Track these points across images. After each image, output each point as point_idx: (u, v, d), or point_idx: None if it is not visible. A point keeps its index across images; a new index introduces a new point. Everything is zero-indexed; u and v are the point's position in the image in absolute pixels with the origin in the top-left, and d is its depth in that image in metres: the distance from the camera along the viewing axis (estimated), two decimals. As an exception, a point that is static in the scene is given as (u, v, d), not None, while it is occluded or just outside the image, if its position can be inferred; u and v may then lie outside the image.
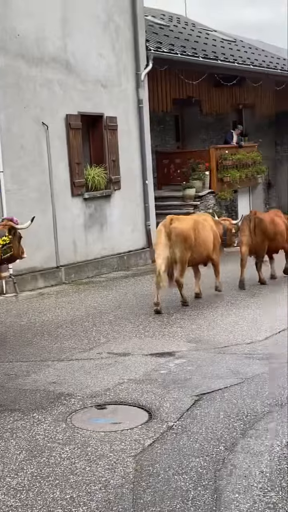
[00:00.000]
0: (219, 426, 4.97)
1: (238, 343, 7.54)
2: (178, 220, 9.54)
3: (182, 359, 6.81)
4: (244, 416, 5.14)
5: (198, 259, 9.90)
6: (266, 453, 4.44)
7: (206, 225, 10.08)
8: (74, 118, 12.30)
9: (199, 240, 9.69)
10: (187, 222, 9.66)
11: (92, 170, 12.94)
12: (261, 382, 6.01)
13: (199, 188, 16.79)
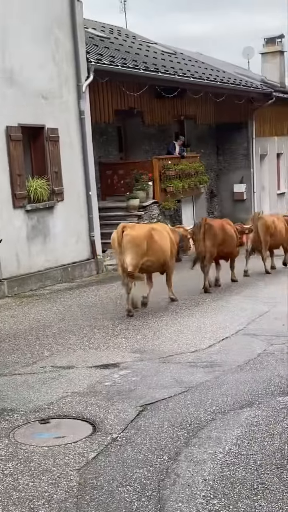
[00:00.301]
0: (163, 436, 4.99)
1: (182, 352, 7.59)
2: (131, 227, 9.86)
3: (126, 370, 6.81)
4: (188, 425, 5.18)
5: (155, 266, 10.21)
6: (209, 461, 4.49)
7: (163, 233, 10.39)
8: (14, 130, 12.19)
9: (156, 247, 9.99)
10: (140, 229, 9.99)
11: (34, 181, 12.83)
12: (204, 390, 6.07)
13: (143, 199, 16.88)
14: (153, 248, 9.92)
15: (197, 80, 18.55)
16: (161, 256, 10.17)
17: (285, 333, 8.35)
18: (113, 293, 11.83)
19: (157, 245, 10.04)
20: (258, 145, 24.08)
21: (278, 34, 27.92)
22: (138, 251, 9.66)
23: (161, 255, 10.16)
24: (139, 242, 9.68)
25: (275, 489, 4.03)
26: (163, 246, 10.20)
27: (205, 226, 11.57)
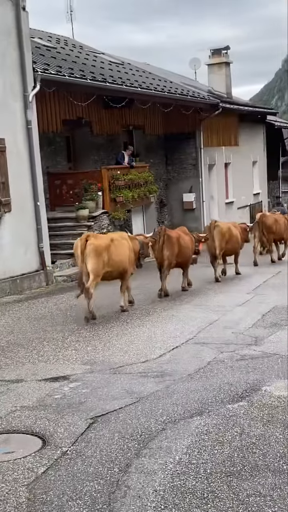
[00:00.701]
0: (114, 447, 4.96)
1: (133, 362, 7.57)
2: (94, 237, 10.41)
3: (76, 383, 6.75)
4: (139, 436, 5.16)
5: (115, 273, 10.70)
6: (160, 471, 4.47)
7: (123, 242, 10.87)
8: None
9: (116, 256, 10.47)
10: (102, 239, 10.53)
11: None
12: (155, 400, 6.06)
13: (93, 209, 16.86)
14: (113, 257, 10.40)
15: (144, 90, 18.65)
16: (120, 265, 10.64)
17: (235, 341, 8.45)
18: (63, 304, 11.74)
19: (117, 254, 10.50)
20: (206, 155, 24.36)
21: (224, 46, 28.38)
22: (100, 261, 10.13)
23: (120, 264, 10.63)
24: (102, 251, 10.15)
25: (225, 497, 4.04)
26: (122, 255, 10.67)
27: (164, 236, 12.09)
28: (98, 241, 10.25)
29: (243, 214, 28.50)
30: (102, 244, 10.25)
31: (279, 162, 40.18)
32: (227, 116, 25.90)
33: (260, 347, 8.06)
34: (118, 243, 10.67)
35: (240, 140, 28.58)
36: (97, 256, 10.08)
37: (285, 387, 6.22)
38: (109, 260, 10.30)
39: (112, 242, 10.49)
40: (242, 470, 4.42)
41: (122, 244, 10.77)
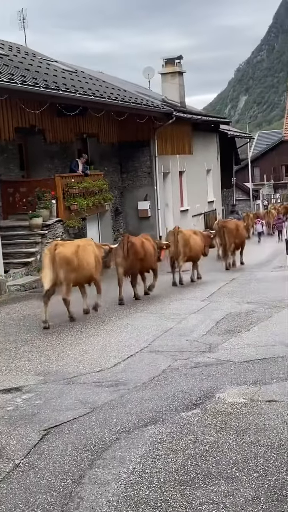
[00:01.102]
0: (67, 459, 4.91)
1: (87, 372, 7.52)
2: (62, 245, 10.78)
3: (29, 394, 6.66)
4: (92, 446, 5.12)
5: (83, 279, 11.16)
6: (113, 482, 4.45)
7: (89, 249, 11.35)
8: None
9: (83, 263, 10.92)
10: (70, 247, 10.88)
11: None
12: (109, 410, 6.03)
13: (46, 217, 16.73)
14: (81, 264, 10.86)
15: (98, 98, 18.64)
16: (88, 271, 11.12)
17: (189, 348, 8.49)
18: (16, 314, 11.60)
19: (84, 261, 10.99)
20: (160, 163, 24.51)
21: (177, 55, 28.65)
22: (70, 268, 10.54)
23: (88, 270, 11.10)
24: (71, 259, 10.57)
25: (178, 506, 4.04)
26: (89, 261, 11.16)
27: (128, 244, 12.52)
28: (67, 249, 10.62)
29: (198, 222, 28.76)
30: (71, 251, 10.65)
31: (232, 170, 40.81)
32: (181, 125, 26.12)
33: (214, 354, 8.12)
34: (85, 250, 11.13)
35: (194, 149, 28.87)
36: (67, 265, 10.45)
37: (238, 394, 6.27)
38: (78, 266, 10.73)
39: (79, 249, 10.92)
40: (195, 478, 4.43)
41: (89, 251, 11.23)
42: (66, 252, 10.51)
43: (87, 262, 11.05)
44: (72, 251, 10.68)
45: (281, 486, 4.26)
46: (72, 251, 10.68)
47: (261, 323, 9.99)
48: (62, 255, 10.40)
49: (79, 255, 10.80)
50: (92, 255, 11.30)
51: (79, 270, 10.78)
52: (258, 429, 5.28)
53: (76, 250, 10.80)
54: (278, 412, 5.66)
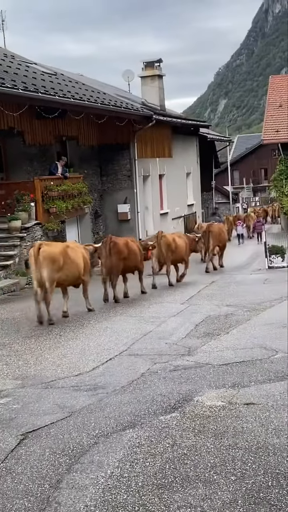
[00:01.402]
0: (45, 464, 4.87)
1: (65, 376, 7.48)
2: (47, 245, 10.94)
3: (7, 398, 6.60)
4: (70, 451, 5.09)
5: (70, 279, 11.22)
6: (91, 486, 4.42)
7: (77, 250, 11.52)
8: None
9: (70, 263, 11.03)
10: (55, 247, 11.05)
11: None
12: (88, 414, 6.00)
13: (25, 220, 16.64)
14: (68, 264, 10.93)
15: (77, 101, 18.61)
16: (75, 271, 11.21)
17: (168, 352, 8.49)
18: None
19: (72, 261, 11.08)
20: (140, 166, 24.53)
21: (156, 59, 28.71)
22: (54, 267, 10.62)
23: (75, 270, 11.20)
24: (56, 258, 10.67)
25: (156, 510, 4.03)
26: (77, 262, 11.25)
27: (110, 244, 12.86)
28: (51, 249, 10.75)
29: (178, 225, 28.83)
30: (55, 251, 10.74)
31: (212, 173, 40.99)
32: (160, 128, 26.19)
33: (193, 357, 8.13)
34: (73, 251, 11.27)
35: (174, 152, 28.95)
36: (51, 263, 10.56)
37: (216, 397, 6.29)
38: (64, 266, 10.82)
39: (67, 249, 11.06)
40: (174, 482, 4.42)
41: (76, 251, 11.40)
42: (51, 251, 10.62)
43: (75, 262, 11.18)
44: (58, 250, 10.80)
45: (258, 489, 4.27)
46: (58, 250, 10.80)
47: (240, 326, 10.04)
48: (46, 253, 10.50)
49: (66, 255, 10.92)
50: (80, 256, 11.44)
51: (67, 270, 10.91)
52: (236, 432, 5.29)
53: (62, 250, 10.92)
54: (256, 415, 5.68)
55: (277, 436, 5.15)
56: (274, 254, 19.26)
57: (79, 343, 9.19)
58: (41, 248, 10.58)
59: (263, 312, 11.17)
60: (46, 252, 10.54)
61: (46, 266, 10.52)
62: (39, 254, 10.49)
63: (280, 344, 8.53)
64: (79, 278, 11.40)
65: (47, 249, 10.64)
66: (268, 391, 6.40)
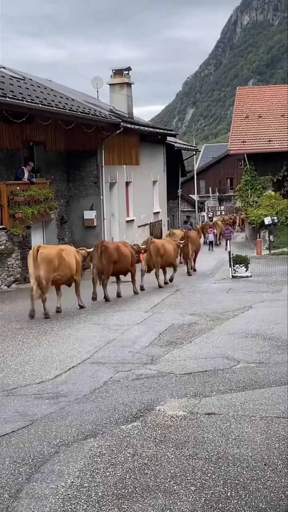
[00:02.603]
0: (5, 473, 4.84)
1: (27, 383, 7.44)
2: (45, 247, 12.24)
3: None
4: (31, 460, 5.07)
5: (64, 279, 12.46)
6: (51, 496, 4.41)
7: (71, 253, 12.70)
8: None
9: (65, 264, 12.25)
10: (52, 249, 12.36)
11: None
12: (49, 422, 5.98)
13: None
14: (62, 265, 12.15)
15: (45, 107, 18.54)
16: (69, 272, 12.40)
17: (131, 360, 8.51)
18: None
19: (66, 263, 12.27)
20: (107, 173, 24.53)
21: (125, 66, 28.80)
22: (50, 267, 11.81)
23: (69, 271, 12.39)
24: (52, 259, 11.87)
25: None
26: (70, 263, 12.44)
27: (101, 247, 13.95)
28: (48, 251, 12.04)
29: (143, 232, 28.90)
30: (52, 252, 12.01)
31: (178, 182, 41.25)
32: (128, 135, 26.26)
33: (156, 366, 8.17)
34: (67, 253, 12.46)
35: (141, 160, 29.06)
36: (48, 264, 11.76)
37: (178, 406, 6.33)
38: (59, 267, 12.03)
39: (61, 252, 12.29)
40: (134, 492, 4.44)
41: (70, 254, 12.57)
42: (48, 253, 11.89)
43: (69, 263, 12.36)
44: (54, 253, 12.06)
45: (217, 499, 4.32)
46: (54, 253, 12.06)
47: (203, 335, 10.12)
48: (44, 255, 11.74)
49: (61, 257, 12.11)
50: (73, 258, 12.61)
51: (61, 270, 12.12)
52: (197, 442, 5.34)
53: (58, 252, 12.17)
54: (217, 425, 5.74)
55: (237, 447, 5.22)
56: (238, 263, 19.45)
57: (42, 350, 9.15)
58: (39, 250, 11.76)
59: (226, 321, 11.28)
60: (44, 254, 11.75)
61: (43, 266, 11.66)
62: (37, 256, 11.61)
63: (242, 354, 8.63)
64: (71, 278, 12.57)
65: (44, 251, 11.87)
66: (229, 401, 6.47)
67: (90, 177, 24.23)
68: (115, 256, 14.18)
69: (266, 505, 4.23)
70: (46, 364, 8.35)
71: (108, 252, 13.99)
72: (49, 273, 11.82)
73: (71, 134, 22.18)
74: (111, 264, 14.04)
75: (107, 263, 13.94)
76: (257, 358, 8.42)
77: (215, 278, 19.57)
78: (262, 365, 8.04)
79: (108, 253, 13.98)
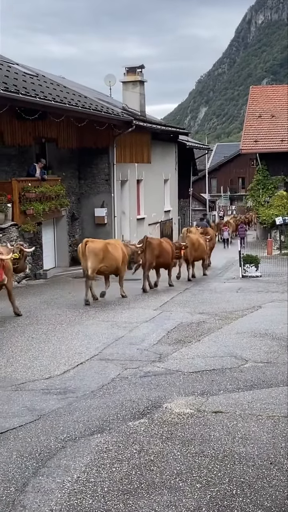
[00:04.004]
0: (11, 466, 4.88)
1: (36, 379, 7.48)
2: (92, 241, 13.58)
3: (-24, 399, 6.58)
4: (38, 454, 5.11)
5: (110, 269, 13.81)
6: (57, 490, 4.44)
7: (117, 247, 14.06)
8: None
9: (110, 256, 13.57)
10: (98, 243, 13.65)
11: None
12: (56, 417, 6.02)
13: (1, 220, 16.55)
14: (108, 257, 13.48)
15: (58, 103, 18.57)
16: (113, 263, 13.73)
17: (139, 357, 8.54)
18: None
19: (111, 255, 13.59)
20: (119, 170, 24.55)
21: (138, 64, 28.79)
22: (96, 259, 13.18)
23: (114, 262, 13.72)
24: (98, 252, 13.22)
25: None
26: (116, 256, 13.74)
27: (146, 242, 15.23)
28: (95, 244, 13.40)
29: (154, 231, 28.91)
30: (98, 246, 13.35)
31: (190, 180, 41.17)
32: (140, 133, 26.26)
33: (164, 363, 8.18)
34: (113, 247, 13.80)
35: (153, 158, 29.04)
36: (94, 256, 13.13)
37: (185, 404, 6.34)
38: (104, 258, 13.35)
39: (107, 245, 13.61)
40: (139, 488, 4.46)
41: (116, 247, 13.89)
42: (94, 246, 13.28)
43: (115, 256, 13.67)
44: (100, 246, 13.39)
45: (222, 497, 4.33)
46: (100, 246, 13.39)
47: (212, 334, 10.12)
48: (91, 248, 13.16)
49: (107, 250, 13.45)
50: (120, 252, 13.89)
51: (107, 262, 13.46)
52: (203, 440, 5.35)
53: (104, 246, 13.51)
54: (223, 423, 5.75)
55: (244, 445, 5.23)
56: (248, 263, 19.42)
57: (51, 346, 9.19)
58: (87, 244, 13.20)
59: (235, 321, 11.27)
60: (91, 247, 13.17)
61: (90, 258, 13.05)
62: (85, 249, 13.03)
63: (250, 353, 8.63)
64: (117, 269, 13.89)
65: (91, 245, 13.26)
66: (237, 400, 6.48)
67: (101, 174, 24.25)
68: (158, 250, 15.51)
69: (272, 503, 4.24)
70: (54, 359, 8.39)
71: (151, 247, 15.33)
72: (95, 264, 13.14)
73: (83, 132, 22.21)
74: (154, 258, 15.40)
75: (150, 256, 15.24)
76: (265, 357, 8.42)
77: (225, 277, 19.54)
78: (270, 364, 8.04)
79: (151, 248, 15.32)
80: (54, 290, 15.32)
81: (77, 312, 12.07)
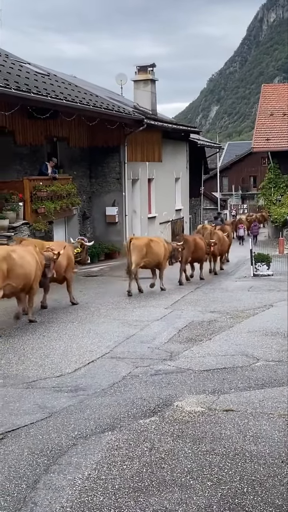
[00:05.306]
0: (23, 463, 4.90)
1: (47, 376, 7.50)
2: (136, 239, 15.19)
3: (-12, 397, 6.61)
4: (49, 451, 5.12)
5: (152, 264, 15.06)
6: (68, 487, 4.46)
7: (159, 243, 15.31)
8: None
9: (152, 252, 14.79)
10: (142, 240, 15.15)
11: None
12: (67, 415, 6.04)
13: (13, 219, 16.59)
14: (150, 252, 14.73)
15: (69, 102, 18.60)
16: (155, 259, 14.98)
17: (150, 356, 8.54)
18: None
19: (153, 251, 14.83)
20: (130, 169, 24.55)
21: (150, 63, 28.78)
22: (139, 254, 14.48)
23: (156, 258, 14.97)
24: (141, 248, 14.53)
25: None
26: (158, 252, 14.99)
27: (183, 240, 16.64)
28: (139, 241, 14.81)
29: (165, 229, 28.89)
30: (141, 243, 14.69)
31: (201, 179, 41.10)
32: (151, 132, 26.24)
33: (175, 362, 8.18)
34: (155, 244, 15.05)
35: (164, 157, 29.02)
36: (137, 252, 14.42)
37: (196, 402, 6.34)
38: (147, 254, 14.61)
39: (150, 242, 14.88)
40: (150, 486, 4.47)
41: (158, 244, 15.13)
42: (138, 243, 14.60)
43: (157, 252, 14.88)
44: (143, 243, 14.66)
45: (233, 495, 4.32)
46: (143, 243, 14.66)
47: (223, 332, 10.10)
48: (135, 245, 14.46)
49: (150, 247, 14.64)
50: (162, 248, 15.11)
51: (150, 257, 14.70)
52: (214, 438, 5.35)
53: (147, 242, 14.75)
54: (235, 421, 5.74)
55: (255, 444, 5.22)
56: (259, 262, 19.35)
57: (62, 344, 9.21)
58: (132, 240, 14.62)
59: (246, 319, 11.25)
60: (135, 244, 14.47)
61: (134, 253, 14.31)
62: (130, 245, 14.37)
63: (262, 352, 8.61)
64: (159, 264, 15.06)
65: (135, 241, 14.64)
66: (248, 398, 6.47)
67: (112, 173, 24.28)
68: (193, 247, 16.98)
69: (283, 501, 4.23)
70: (65, 357, 8.41)
71: (188, 244, 16.65)
72: (139, 259, 14.38)
73: (94, 130, 22.24)
74: (190, 253, 16.86)
75: (187, 252, 16.59)
76: (276, 356, 8.39)
77: (236, 276, 19.48)
78: (281, 363, 8.01)
79: (188, 245, 16.62)
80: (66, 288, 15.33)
81: (88, 311, 12.09)
